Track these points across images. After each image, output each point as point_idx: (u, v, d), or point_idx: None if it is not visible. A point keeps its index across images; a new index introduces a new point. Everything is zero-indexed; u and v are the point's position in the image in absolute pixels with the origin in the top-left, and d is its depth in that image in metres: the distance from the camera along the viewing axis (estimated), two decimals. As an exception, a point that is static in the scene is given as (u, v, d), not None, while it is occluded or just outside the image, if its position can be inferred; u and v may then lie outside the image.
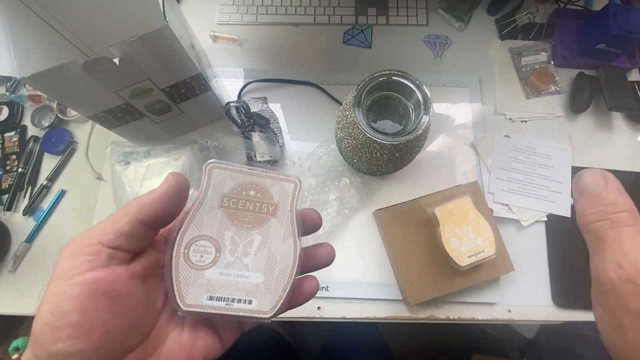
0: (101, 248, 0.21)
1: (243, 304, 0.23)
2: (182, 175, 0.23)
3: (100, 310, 0.20)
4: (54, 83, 0.40)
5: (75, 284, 0.20)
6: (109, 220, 0.22)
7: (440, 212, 0.52)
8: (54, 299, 0.19)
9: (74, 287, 0.19)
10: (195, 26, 0.63)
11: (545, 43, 0.68)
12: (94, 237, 0.21)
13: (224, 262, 0.23)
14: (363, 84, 0.46)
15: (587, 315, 0.54)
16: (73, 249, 0.21)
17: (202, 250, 0.22)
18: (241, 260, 0.23)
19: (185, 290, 0.22)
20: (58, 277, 0.20)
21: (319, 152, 0.60)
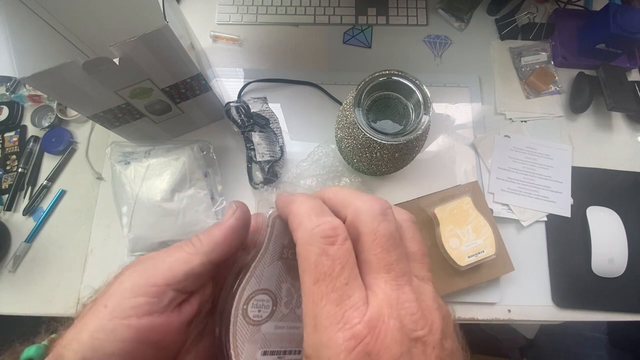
0: (166, 290, 0.19)
1: (294, 355, 0.22)
2: (245, 206, 0.22)
3: (147, 356, 0.18)
4: (54, 83, 0.40)
5: (129, 326, 0.18)
6: (178, 257, 0.20)
7: (440, 212, 0.52)
8: (101, 335, 0.17)
9: (126, 330, 0.18)
10: (195, 26, 0.63)
11: (545, 43, 0.68)
12: (162, 277, 0.19)
13: (280, 315, 0.22)
14: (363, 84, 0.46)
15: (587, 315, 0.54)
16: (138, 283, 0.19)
17: (260, 305, 0.21)
18: (294, 311, 0.22)
19: (241, 348, 0.21)
20: (113, 310, 0.18)
21: (319, 152, 0.60)
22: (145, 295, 0.18)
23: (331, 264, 0.17)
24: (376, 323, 0.16)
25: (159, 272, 0.19)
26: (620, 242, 0.55)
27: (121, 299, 0.18)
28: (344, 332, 0.15)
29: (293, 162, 0.61)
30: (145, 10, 0.51)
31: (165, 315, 0.19)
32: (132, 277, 0.19)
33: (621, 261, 0.55)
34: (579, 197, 0.59)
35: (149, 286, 0.18)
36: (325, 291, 0.16)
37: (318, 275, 0.17)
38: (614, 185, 0.60)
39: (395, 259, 0.17)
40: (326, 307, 0.16)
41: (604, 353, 0.99)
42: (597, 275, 0.55)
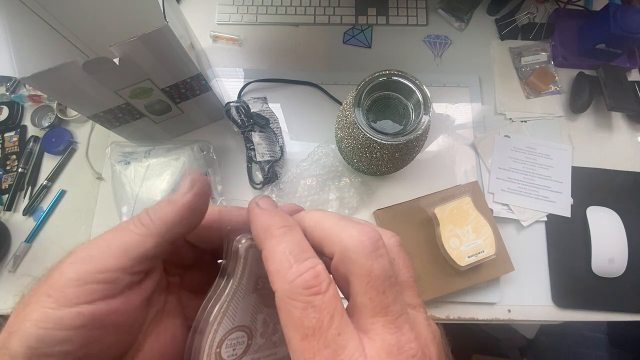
0: (121, 275, 0.17)
1: None
2: (205, 180, 0.19)
3: (103, 340, 0.17)
4: (54, 83, 0.40)
5: (79, 313, 0.16)
6: (129, 240, 0.18)
7: (440, 212, 0.52)
8: (47, 325, 0.16)
9: (76, 318, 0.16)
10: (195, 26, 0.63)
11: (545, 43, 0.68)
12: (113, 262, 0.17)
13: (255, 347, 0.21)
14: (363, 84, 0.46)
15: (587, 315, 0.54)
16: (84, 271, 0.17)
17: (234, 344, 0.20)
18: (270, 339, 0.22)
19: None
20: (58, 299, 0.16)
21: (319, 152, 0.60)
22: (96, 282, 0.17)
23: (319, 316, 0.15)
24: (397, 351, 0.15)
25: (110, 256, 0.17)
26: (620, 242, 0.55)
27: (66, 287, 0.16)
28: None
29: (293, 162, 0.61)
30: (145, 10, 0.51)
31: (124, 297, 0.18)
32: (76, 266, 0.17)
33: (621, 261, 0.55)
34: (579, 197, 0.59)
35: (98, 273, 0.17)
36: (317, 347, 0.15)
37: (306, 330, 0.15)
38: (614, 185, 0.60)
39: (392, 300, 0.16)
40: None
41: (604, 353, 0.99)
42: (597, 275, 0.55)
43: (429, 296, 0.52)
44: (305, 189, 0.58)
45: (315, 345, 0.15)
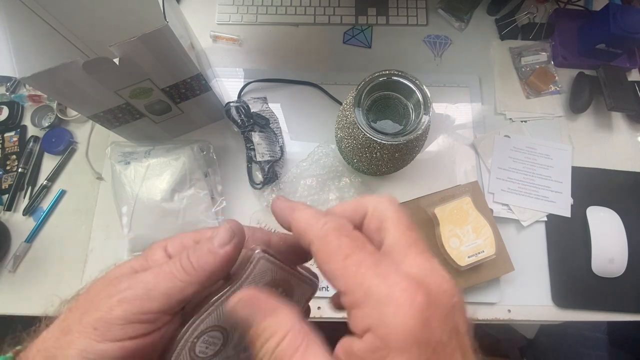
0: (162, 316, 0.19)
1: None
2: (243, 230, 0.21)
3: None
4: (54, 83, 0.40)
5: (122, 347, 0.18)
6: (172, 285, 0.19)
7: (440, 212, 0.52)
8: (90, 355, 0.17)
9: (118, 351, 0.18)
10: (195, 26, 0.63)
11: (545, 43, 0.68)
12: (156, 305, 0.19)
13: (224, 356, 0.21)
14: (363, 84, 0.46)
15: (587, 315, 0.54)
16: (130, 312, 0.18)
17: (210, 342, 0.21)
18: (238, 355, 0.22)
19: None
20: (104, 334, 0.18)
21: (319, 152, 0.60)
22: (140, 322, 0.18)
23: (354, 241, 0.18)
24: (423, 280, 0.17)
25: (153, 300, 0.19)
26: (620, 242, 0.55)
27: (112, 324, 0.18)
28: (399, 285, 0.16)
29: (293, 162, 0.61)
30: (145, 10, 0.51)
31: (158, 333, 0.19)
32: (123, 305, 0.18)
33: (621, 261, 0.55)
34: (579, 197, 0.59)
35: (143, 314, 0.18)
36: (359, 259, 0.17)
37: (346, 251, 0.17)
38: (614, 185, 0.60)
39: (419, 237, 0.19)
40: (368, 271, 0.17)
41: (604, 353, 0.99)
42: (597, 275, 0.55)
43: (429, 296, 0.52)
44: (305, 189, 0.58)
45: (358, 259, 0.17)
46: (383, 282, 0.16)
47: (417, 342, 0.15)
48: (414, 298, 0.16)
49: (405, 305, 0.15)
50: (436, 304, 0.16)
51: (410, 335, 0.15)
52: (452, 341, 0.16)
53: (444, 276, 0.18)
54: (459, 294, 0.18)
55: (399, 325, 0.15)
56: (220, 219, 0.55)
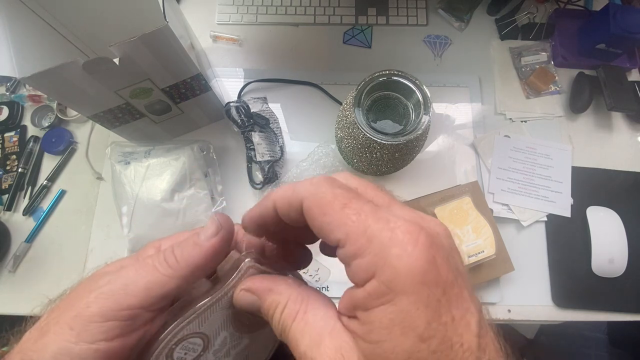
0: (141, 312, 0.18)
1: None
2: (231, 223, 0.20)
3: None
4: (54, 83, 0.40)
5: (98, 350, 0.17)
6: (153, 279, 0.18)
7: (440, 212, 0.52)
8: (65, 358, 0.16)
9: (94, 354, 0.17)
10: (195, 26, 0.63)
11: (545, 43, 0.68)
12: (133, 300, 0.17)
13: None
14: (363, 84, 0.46)
15: (587, 315, 0.54)
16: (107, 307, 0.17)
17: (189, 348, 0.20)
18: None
19: None
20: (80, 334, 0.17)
21: (319, 152, 0.60)
22: (117, 319, 0.17)
23: (348, 192, 0.17)
24: (420, 222, 0.16)
25: (131, 295, 0.18)
26: (620, 242, 0.55)
27: (89, 322, 0.17)
28: (401, 227, 0.15)
29: (293, 162, 0.61)
30: (145, 10, 0.51)
31: (135, 334, 0.18)
32: (100, 301, 0.17)
33: (621, 261, 0.55)
34: (579, 197, 0.59)
35: (120, 310, 0.17)
36: (358, 207, 0.16)
37: (342, 201, 0.16)
38: (614, 185, 0.60)
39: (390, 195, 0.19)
40: (368, 217, 0.16)
41: (604, 353, 0.99)
42: (597, 275, 0.55)
43: (429, 296, 0.52)
44: (305, 189, 0.58)
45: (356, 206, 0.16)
46: (385, 226, 0.15)
47: (424, 283, 0.14)
48: (417, 238, 0.15)
49: (410, 246, 0.15)
50: (437, 244, 0.16)
51: (417, 275, 0.14)
52: (457, 280, 0.16)
53: (435, 220, 0.17)
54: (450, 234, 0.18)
55: (404, 266, 0.15)
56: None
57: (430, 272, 0.15)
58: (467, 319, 0.15)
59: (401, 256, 0.15)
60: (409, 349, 0.14)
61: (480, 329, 0.15)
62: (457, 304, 0.15)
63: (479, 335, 0.15)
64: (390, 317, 0.15)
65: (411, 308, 0.14)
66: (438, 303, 0.15)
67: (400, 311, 0.14)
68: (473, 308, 0.15)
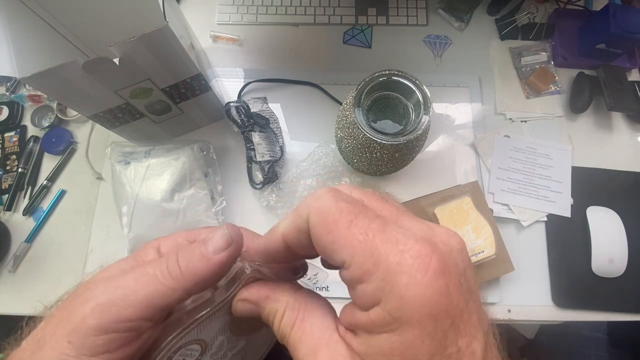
0: (143, 323, 0.17)
1: None
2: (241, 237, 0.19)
3: None
4: (54, 83, 0.40)
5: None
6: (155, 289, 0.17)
7: (440, 212, 0.52)
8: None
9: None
10: (195, 26, 0.63)
11: (545, 43, 0.68)
12: (134, 312, 0.17)
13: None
14: (363, 84, 0.46)
15: (587, 315, 0.54)
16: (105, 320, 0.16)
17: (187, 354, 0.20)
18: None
19: None
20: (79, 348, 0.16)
21: (319, 152, 0.60)
22: (118, 331, 0.16)
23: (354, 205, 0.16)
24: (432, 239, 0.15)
25: (131, 306, 0.17)
26: (620, 242, 0.55)
27: (87, 336, 0.16)
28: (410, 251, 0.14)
29: (293, 162, 0.61)
30: (145, 10, 0.51)
31: (138, 343, 0.17)
32: (97, 314, 0.16)
33: (621, 261, 0.55)
34: (579, 197, 0.59)
35: (120, 322, 0.16)
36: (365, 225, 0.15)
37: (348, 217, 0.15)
38: (614, 185, 0.60)
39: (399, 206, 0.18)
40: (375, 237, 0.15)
41: (604, 353, 0.99)
42: (597, 275, 0.55)
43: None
44: (305, 189, 0.58)
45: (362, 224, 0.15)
46: (393, 249, 0.14)
47: (433, 315, 0.14)
48: (428, 264, 0.14)
49: (420, 273, 0.14)
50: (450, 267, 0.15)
51: (426, 307, 0.14)
52: (468, 305, 0.15)
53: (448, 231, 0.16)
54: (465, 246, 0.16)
55: (413, 297, 0.14)
56: (220, 219, 0.55)
57: (440, 304, 0.14)
58: (472, 347, 0.14)
59: (409, 285, 0.14)
60: None
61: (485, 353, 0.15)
62: (465, 332, 0.14)
63: None
64: (391, 347, 0.14)
65: (415, 340, 0.14)
66: (444, 335, 0.14)
67: (403, 342, 0.14)
68: (480, 335, 0.15)
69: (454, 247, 0.16)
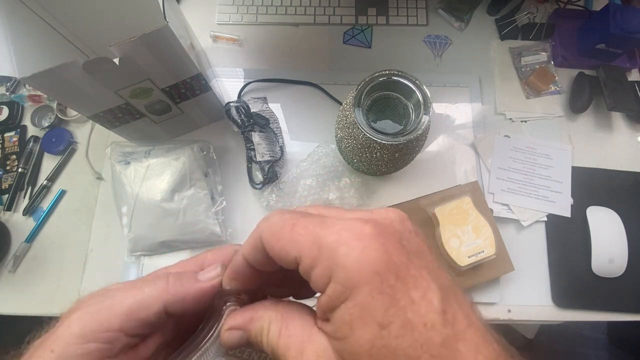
0: (120, 336, 0.18)
1: None
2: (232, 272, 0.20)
3: None
4: (54, 83, 0.40)
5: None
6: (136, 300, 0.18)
7: (440, 212, 0.52)
8: None
9: None
10: (195, 26, 0.63)
11: (545, 43, 0.68)
12: (114, 322, 0.18)
13: None
14: (363, 84, 0.46)
15: (587, 315, 0.54)
16: (89, 328, 0.17)
17: None
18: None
19: None
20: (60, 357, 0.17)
21: (319, 152, 0.60)
22: (97, 341, 0.17)
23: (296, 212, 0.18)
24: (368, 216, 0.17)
25: (113, 315, 0.18)
26: (620, 242, 0.55)
27: (69, 344, 0.17)
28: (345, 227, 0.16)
29: (293, 162, 0.61)
30: (145, 10, 0.51)
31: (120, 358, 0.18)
32: (82, 321, 0.17)
33: (621, 261, 0.55)
34: (579, 197, 0.59)
35: (100, 332, 0.17)
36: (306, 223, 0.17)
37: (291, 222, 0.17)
38: (614, 185, 0.60)
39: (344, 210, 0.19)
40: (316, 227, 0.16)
41: (604, 353, 0.99)
42: (597, 275, 0.55)
43: (429, 296, 0.52)
44: (305, 189, 0.58)
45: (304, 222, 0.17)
46: (331, 230, 0.16)
47: (375, 272, 0.15)
48: (362, 230, 0.15)
49: (354, 241, 0.15)
50: (386, 231, 0.16)
51: (366, 266, 0.15)
52: (412, 261, 0.16)
53: (388, 209, 0.18)
54: (412, 223, 0.18)
55: (352, 261, 0.15)
56: (220, 219, 0.55)
57: (379, 260, 0.15)
58: (428, 297, 0.15)
59: (348, 253, 0.15)
60: (371, 338, 0.14)
61: (445, 304, 0.15)
62: (415, 285, 0.15)
63: (443, 311, 0.15)
64: (350, 312, 0.15)
65: (367, 299, 0.15)
66: (392, 289, 0.15)
67: (357, 304, 0.15)
68: (434, 285, 0.15)
69: (393, 218, 0.17)
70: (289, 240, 0.17)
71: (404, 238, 0.16)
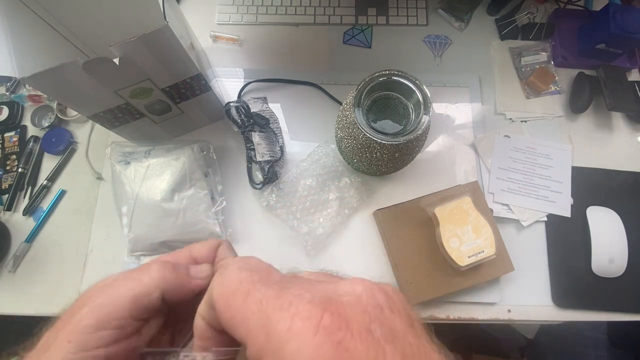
0: (130, 322, 0.20)
1: None
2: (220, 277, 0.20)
3: None
4: (54, 83, 0.40)
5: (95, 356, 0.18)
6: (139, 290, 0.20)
7: (440, 212, 0.52)
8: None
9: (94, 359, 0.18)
10: (195, 26, 0.63)
11: (545, 43, 0.68)
12: (124, 309, 0.20)
13: None
14: (363, 84, 0.46)
15: (587, 315, 0.54)
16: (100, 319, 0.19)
17: None
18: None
19: None
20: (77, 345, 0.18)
21: (319, 152, 0.60)
22: (109, 329, 0.19)
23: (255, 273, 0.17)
24: (328, 297, 0.15)
25: (120, 306, 0.20)
26: (620, 242, 0.55)
27: (84, 333, 0.18)
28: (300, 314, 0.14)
29: (293, 162, 0.61)
30: (145, 10, 0.51)
31: (129, 340, 0.20)
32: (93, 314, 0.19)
33: (621, 261, 0.55)
34: (579, 197, 0.59)
35: (112, 320, 0.19)
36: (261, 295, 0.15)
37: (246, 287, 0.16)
38: (614, 185, 0.60)
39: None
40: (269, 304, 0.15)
41: (604, 353, 0.99)
42: (597, 275, 0.55)
43: (428, 296, 0.52)
44: (305, 189, 0.58)
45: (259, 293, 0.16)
46: (284, 315, 0.14)
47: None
48: (318, 323, 0.13)
49: (309, 337, 0.13)
50: (349, 320, 0.14)
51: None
52: (385, 349, 0.14)
53: (354, 280, 0.16)
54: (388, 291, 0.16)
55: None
56: (220, 219, 0.55)
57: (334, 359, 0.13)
58: None
59: (300, 350, 0.13)
60: None
61: None
62: None
63: None
64: None
65: None
66: None
67: None
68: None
69: (361, 294, 0.15)
70: (238, 313, 0.15)
71: (374, 319, 0.14)
